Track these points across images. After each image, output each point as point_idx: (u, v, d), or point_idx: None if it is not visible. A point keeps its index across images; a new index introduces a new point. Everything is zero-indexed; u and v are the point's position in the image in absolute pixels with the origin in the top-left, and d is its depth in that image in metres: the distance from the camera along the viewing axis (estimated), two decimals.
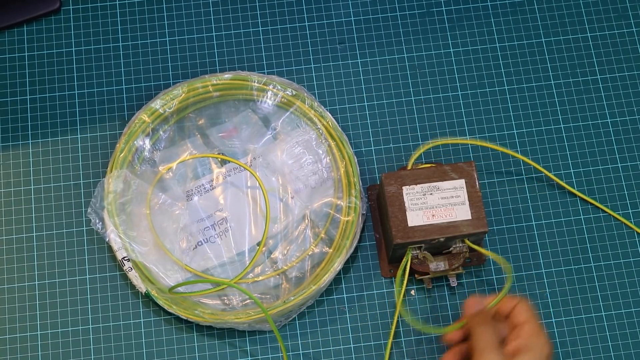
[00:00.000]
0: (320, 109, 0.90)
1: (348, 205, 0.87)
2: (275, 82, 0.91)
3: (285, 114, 0.91)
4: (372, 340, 0.86)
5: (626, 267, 0.89)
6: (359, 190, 0.88)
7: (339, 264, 0.85)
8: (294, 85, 0.91)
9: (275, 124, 0.91)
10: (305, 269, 0.86)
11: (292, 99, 0.91)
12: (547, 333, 0.84)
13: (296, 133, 0.91)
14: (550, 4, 0.97)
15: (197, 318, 0.84)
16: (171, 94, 0.90)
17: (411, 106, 0.93)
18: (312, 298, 0.86)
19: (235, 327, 0.85)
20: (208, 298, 0.86)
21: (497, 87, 0.94)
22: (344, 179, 0.88)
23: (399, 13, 0.97)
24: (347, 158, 0.89)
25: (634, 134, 0.93)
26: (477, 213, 0.82)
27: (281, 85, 0.91)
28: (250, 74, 0.91)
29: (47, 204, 0.90)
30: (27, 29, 0.95)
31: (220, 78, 0.91)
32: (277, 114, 0.91)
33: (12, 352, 0.85)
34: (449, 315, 0.87)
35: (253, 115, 0.91)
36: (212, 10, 0.97)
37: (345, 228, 0.87)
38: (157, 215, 0.88)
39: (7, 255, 0.88)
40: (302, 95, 0.91)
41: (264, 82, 0.91)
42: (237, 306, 0.85)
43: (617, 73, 0.95)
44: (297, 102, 0.90)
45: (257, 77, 0.91)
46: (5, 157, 0.91)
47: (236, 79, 0.91)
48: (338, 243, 0.86)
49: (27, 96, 0.93)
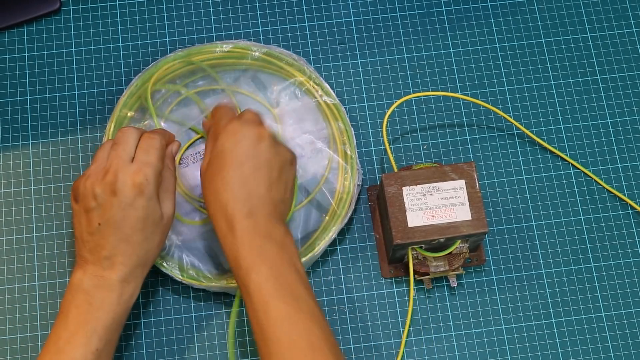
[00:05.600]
0: (319, 80, 0.91)
1: (344, 174, 0.88)
2: (275, 51, 0.92)
3: (283, 84, 0.91)
4: (372, 341, 0.86)
5: (626, 267, 0.89)
6: (355, 160, 0.89)
7: (334, 232, 0.86)
8: (294, 55, 0.92)
9: (273, 93, 0.91)
10: (297, 237, 0.87)
11: (292, 70, 0.91)
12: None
13: (293, 103, 0.91)
14: (550, 4, 0.97)
15: (192, 281, 0.85)
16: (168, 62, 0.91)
17: (411, 106, 0.93)
18: (306, 265, 0.87)
19: (229, 291, 0.86)
20: (203, 263, 0.86)
21: (497, 87, 0.94)
22: (340, 149, 0.89)
23: (399, 13, 0.97)
24: (344, 128, 0.90)
25: (634, 134, 0.93)
26: (477, 213, 0.82)
27: (280, 54, 0.92)
28: (252, 44, 0.92)
29: (47, 204, 0.90)
30: (27, 29, 0.95)
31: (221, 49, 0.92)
32: (275, 83, 0.92)
33: (12, 352, 0.85)
34: (449, 315, 0.87)
35: (250, 82, 0.92)
36: (212, 10, 0.97)
37: (341, 197, 0.88)
38: None
39: (7, 255, 0.88)
40: (301, 66, 0.91)
41: (265, 52, 0.92)
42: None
43: (617, 73, 0.95)
44: (297, 74, 0.91)
45: (257, 47, 0.92)
46: (5, 157, 0.91)
47: (236, 48, 0.92)
48: (333, 212, 0.87)
49: (27, 96, 0.93)
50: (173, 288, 0.88)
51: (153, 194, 0.77)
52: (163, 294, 0.87)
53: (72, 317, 0.76)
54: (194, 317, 0.87)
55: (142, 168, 0.77)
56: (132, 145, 0.79)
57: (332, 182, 0.89)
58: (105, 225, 0.76)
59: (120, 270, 0.77)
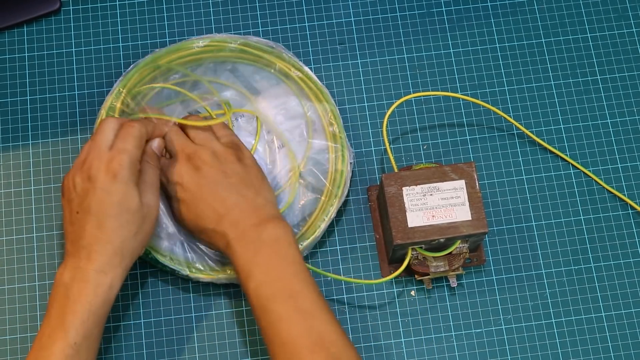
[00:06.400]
0: (299, 65, 0.91)
1: (334, 155, 0.89)
2: (251, 41, 0.92)
3: (264, 74, 0.91)
4: (372, 341, 0.86)
5: (626, 267, 0.89)
6: (345, 139, 0.89)
7: (333, 212, 0.87)
8: (270, 43, 0.92)
9: (255, 83, 0.91)
10: (295, 222, 0.87)
11: (271, 57, 0.91)
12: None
13: (275, 90, 0.91)
14: (550, 4, 0.97)
15: (199, 275, 0.85)
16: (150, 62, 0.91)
17: (411, 106, 0.93)
18: (307, 249, 0.87)
19: (231, 281, 0.86)
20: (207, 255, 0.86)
21: (497, 87, 0.94)
22: (327, 130, 0.89)
23: (399, 13, 0.97)
24: (329, 109, 0.90)
25: (634, 134, 0.93)
26: (477, 214, 0.82)
27: (257, 43, 0.91)
28: (228, 36, 0.92)
29: (47, 204, 0.90)
30: (27, 29, 0.95)
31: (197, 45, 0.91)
32: (257, 73, 0.91)
33: (12, 353, 0.85)
34: (449, 315, 0.87)
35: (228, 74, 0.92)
36: (212, 10, 0.97)
37: (335, 177, 0.88)
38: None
39: (7, 255, 0.88)
40: (279, 53, 0.91)
41: (241, 43, 0.91)
42: None
43: (617, 73, 0.95)
44: (276, 60, 0.91)
45: (233, 39, 0.92)
46: (5, 157, 0.91)
47: (213, 41, 0.91)
48: (329, 191, 0.87)
49: (27, 96, 0.93)
50: (173, 288, 0.88)
51: (128, 180, 0.77)
52: (163, 294, 0.87)
53: (54, 312, 0.76)
54: (194, 317, 0.87)
55: (116, 155, 0.77)
56: (110, 135, 0.79)
57: (324, 164, 0.89)
58: (82, 213, 0.77)
59: (96, 259, 0.76)
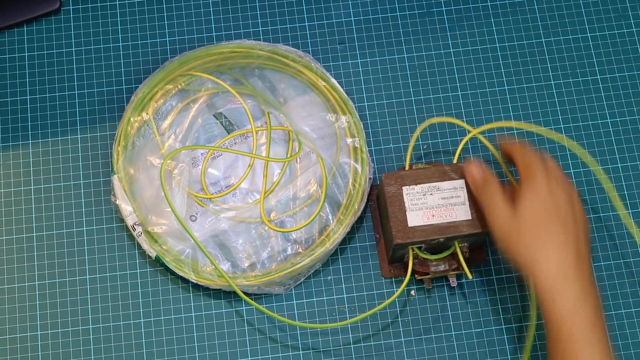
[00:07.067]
0: (326, 76, 0.91)
1: (355, 170, 0.88)
2: (280, 49, 0.92)
3: (292, 81, 0.92)
4: (372, 341, 0.86)
5: (626, 267, 0.89)
6: (366, 154, 0.89)
7: (348, 226, 0.86)
8: (299, 52, 0.92)
9: (282, 91, 0.91)
10: (313, 232, 0.87)
11: (299, 66, 0.91)
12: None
13: (302, 99, 0.91)
14: (550, 4, 0.97)
15: (207, 281, 0.85)
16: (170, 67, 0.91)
17: (411, 106, 0.93)
18: (320, 261, 0.86)
19: (245, 289, 0.85)
20: (218, 263, 0.86)
21: (497, 87, 0.94)
22: (350, 144, 0.89)
23: (399, 13, 0.97)
24: (353, 121, 0.90)
25: (634, 134, 0.93)
26: (477, 213, 0.82)
27: (287, 52, 0.91)
28: (257, 44, 0.92)
29: (47, 204, 0.90)
30: (27, 29, 0.95)
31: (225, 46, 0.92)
32: (283, 81, 0.92)
33: (12, 352, 0.85)
34: (449, 315, 0.87)
35: (257, 80, 0.92)
36: (212, 10, 0.97)
37: (353, 192, 0.88)
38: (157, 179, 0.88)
39: (7, 255, 0.88)
40: (307, 63, 0.91)
41: (270, 50, 0.91)
42: (246, 268, 0.86)
43: (617, 73, 0.95)
44: (304, 70, 0.91)
45: (261, 46, 0.92)
46: (5, 157, 0.91)
47: (241, 47, 0.92)
48: (346, 206, 0.87)
49: (27, 96, 0.93)
50: (173, 288, 0.88)
51: None
52: (163, 294, 0.87)
53: None
54: (194, 317, 0.87)
55: None
56: None
57: (344, 177, 0.89)
58: None
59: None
